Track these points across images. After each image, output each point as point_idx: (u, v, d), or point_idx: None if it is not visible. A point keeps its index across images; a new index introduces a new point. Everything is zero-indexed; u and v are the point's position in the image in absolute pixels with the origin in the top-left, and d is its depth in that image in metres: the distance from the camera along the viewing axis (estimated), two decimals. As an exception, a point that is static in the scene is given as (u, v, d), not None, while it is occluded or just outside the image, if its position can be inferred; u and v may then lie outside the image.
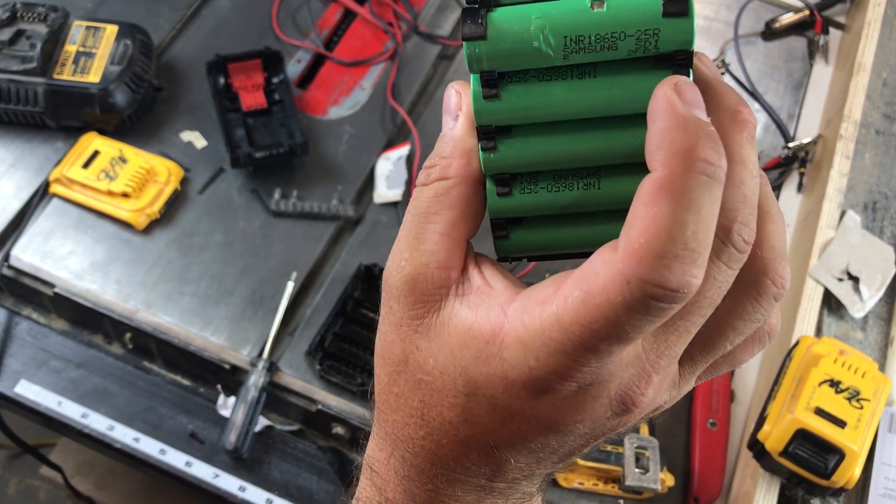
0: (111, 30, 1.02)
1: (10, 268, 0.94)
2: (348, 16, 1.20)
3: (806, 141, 1.11)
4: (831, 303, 0.97)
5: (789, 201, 1.09)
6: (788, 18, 1.24)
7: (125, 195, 0.96)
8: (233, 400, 0.90)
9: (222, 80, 1.06)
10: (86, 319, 0.95)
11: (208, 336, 0.91)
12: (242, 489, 0.87)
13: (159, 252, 0.96)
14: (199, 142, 1.04)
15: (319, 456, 0.90)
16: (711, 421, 0.92)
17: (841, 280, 0.96)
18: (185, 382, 0.94)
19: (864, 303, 0.96)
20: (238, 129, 1.03)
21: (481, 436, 0.34)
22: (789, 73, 1.21)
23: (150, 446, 0.89)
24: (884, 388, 0.83)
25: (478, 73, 0.33)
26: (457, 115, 0.35)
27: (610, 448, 0.87)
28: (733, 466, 0.92)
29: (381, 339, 0.37)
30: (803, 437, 0.79)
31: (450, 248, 0.34)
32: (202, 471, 0.88)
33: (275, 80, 1.07)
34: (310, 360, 0.90)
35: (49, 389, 0.91)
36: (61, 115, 1.00)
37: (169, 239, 0.97)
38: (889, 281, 0.98)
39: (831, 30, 1.24)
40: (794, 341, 0.89)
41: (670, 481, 0.87)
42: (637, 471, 0.85)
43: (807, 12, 1.23)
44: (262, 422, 0.90)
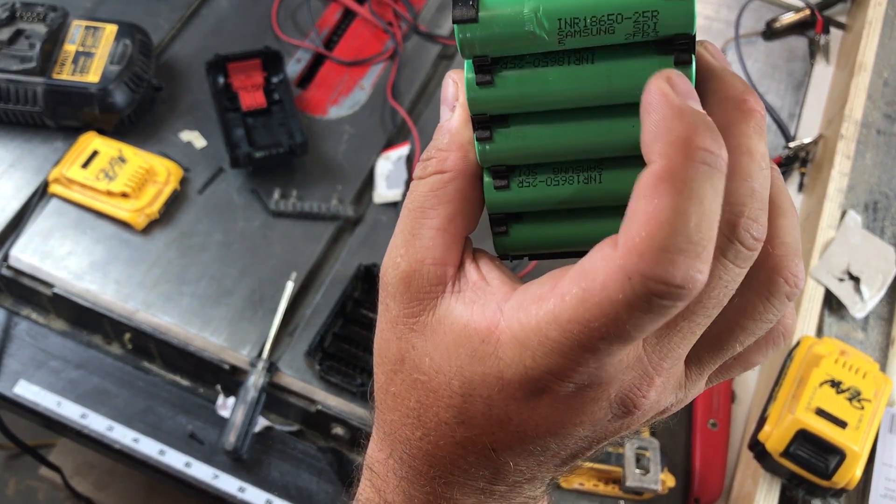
0: (110, 29, 1.02)
1: (10, 268, 0.94)
2: (348, 15, 1.19)
3: (807, 141, 1.11)
4: (832, 303, 0.96)
5: (790, 201, 1.09)
6: (789, 18, 1.23)
7: (124, 195, 0.96)
8: (232, 400, 0.90)
9: (222, 80, 1.05)
10: (85, 320, 0.95)
11: (208, 336, 0.91)
12: (242, 490, 0.87)
13: (158, 252, 0.96)
14: (199, 142, 1.04)
15: (319, 456, 0.90)
16: (712, 421, 0.92)
17: (842, 280, 0.96)
18: (185, 383, 0.94)
19: (864, 303, 0.96)
20: (237, 129, 1.03)
21: (478, 438, 0.32)
22: (790, 72, 1.21)
23: (149, 447, 0.88)
24: (885, 388, 0.83)
25: (470, 58, 0.31)
26: (454, 105, 0.34)
27: (610, 449, 0.87)
28: (734, 467, 0.91)
29: (378, 338, 0.36)
30: (804, 437, 0.79)
31: (446, 244, 0.33)
32: (201, 471, 0.88)
33: (274, 79, 1.07)
34: (309, 361, 0.89)
35: (48, 390, 0.91)
36: (60, 115, 1.00)
37: (168, 239, 0.97)
38: (890, 281, 0.97)
39: (832, 29, 1.24)
40: (794, 342, 0.89)
41: (671, 482, 0.87)
42: (637, 471, 0.85)
43: (808, 12, 1.23)
44: (262, 422, 0.90)
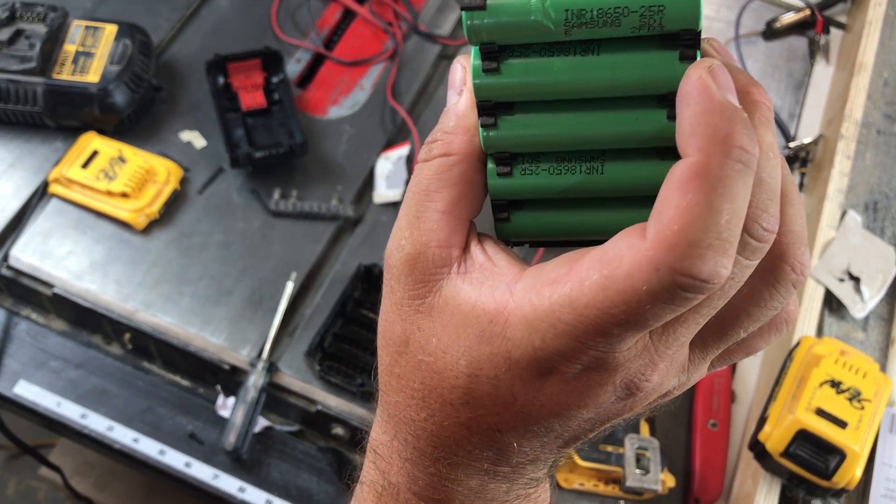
0: (110, 29, 1.02)
1: (9, 268, 0.94)
2: (348, 15, 1.19)
3: (807, 141, 1.11)
4: (832, 303, 0.96)
5: (790, 201, 1.09)
6: (789, 18, 1.23)
7: (124, 195, 0.96)
8: (232, 400, 0.90)
9: (222, 80, 1.05)
10: (85, 320, 0.95)
11: (208, 336, 0.91)
12: (242, 490, 0.87)
13: (158, 252, 0.96)
14: (199, 142, 1.04)
15: (319, 457, 0.90)
16: (712, 421, 0.92)
17: (842, 280, 0.96)
18: (185, 383, 0.94)
19: (865, 303, 0.96)
20: (237, 129, 1.03)
21: (483, 418, 0.33)
22: (790, 72, 1.21)
23: (149, 447, 0.88)
24: (885, 388, 0.83)
25: (477, 45, 0.32)
26: (461, 89, 0.34)
27: (610, 449, 0.87)
28: (734, 467, 0.91)
29: (382, 320, 0.36)
30: (804, 437, 0.79)
31: (451, 227, 0.34)
32: (201, 471, 0.88)
33: (274, 79, 1.07)
34: (309, 361, 0.89)
35: (48, 390, 0.91)
36: (60, 115, 1.00)
37: (168, 239, 0.97)
38: (890, 281, 0.97)
39: (832, 29, 1.24)
40: (795, 342, 0.89)
41: (671, 482, 0.87)
42: (637, 472, 0.85)
43: (808, 12, 1.23)
44: (262, 422, 0.90)
